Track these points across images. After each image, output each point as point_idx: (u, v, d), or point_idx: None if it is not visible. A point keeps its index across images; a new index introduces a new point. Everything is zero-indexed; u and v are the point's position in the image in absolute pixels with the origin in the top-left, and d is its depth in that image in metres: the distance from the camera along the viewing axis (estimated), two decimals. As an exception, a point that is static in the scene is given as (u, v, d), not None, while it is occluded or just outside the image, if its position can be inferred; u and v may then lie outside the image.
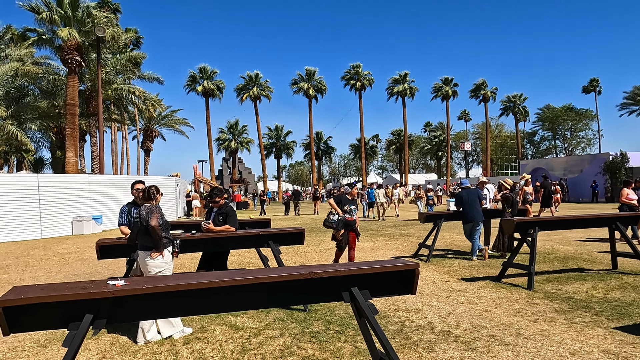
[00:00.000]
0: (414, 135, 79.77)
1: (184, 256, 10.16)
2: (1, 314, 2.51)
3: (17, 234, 15.61)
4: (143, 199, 4.76)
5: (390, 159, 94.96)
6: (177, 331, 4.88)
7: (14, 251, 12.65)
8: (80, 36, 23.98)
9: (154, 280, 2.92)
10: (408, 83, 57.72)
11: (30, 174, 20.13)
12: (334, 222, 7.79)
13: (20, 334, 5.15)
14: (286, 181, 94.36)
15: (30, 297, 2.56)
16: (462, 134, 78.40)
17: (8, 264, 10.41)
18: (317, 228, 16.78)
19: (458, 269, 8.23)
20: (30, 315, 2.64)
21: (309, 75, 56.57)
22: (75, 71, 24.31)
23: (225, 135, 60.66)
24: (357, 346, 4.41)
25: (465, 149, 58.59)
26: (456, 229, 14.51)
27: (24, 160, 40.20)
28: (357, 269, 3.05)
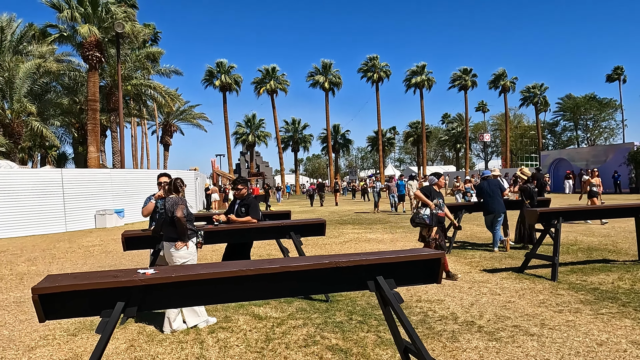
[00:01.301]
0: (432, 127, 79.01)
1: (206, 248, 10.29)
2: (37, 301, 2.59)
3: (43, 227, 15.98)
4: (168, 190, 4.83)
5: (407, 151, 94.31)
6: (202, 321, 4.96)
7: (40, 244, 12.97)
8: (99, 32, 24.30)
9: (183, 269, 2.97)
10: (426, 74, 57.10)
11: (54, 169, 20.57)
12: (427, 218, 6.53)
13: (50, 323, 5.30)
14: (303, 174, 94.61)
15: (64, 285, 2.64)
16: (480, 125, 77.37)
17: (35, 256, 10.68)
18: (336, 220, 16.81)
19: (479, 260, 8.17)
20: (64, 302, 2.71)
21: (325, 68, 56.39)
22: (96, 67, 24.66)
23: (242, 129, 60.99)
24: (380, 336, 4.43)
25: (484, 141, 57.87)
26: (476, 220, 14.39)
27: (47, 155, 41.06)
28: (382, 257, 3.06)
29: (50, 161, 41.14)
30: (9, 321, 5.48)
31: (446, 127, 77.98)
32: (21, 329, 5.15)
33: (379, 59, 56.49)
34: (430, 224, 6.49)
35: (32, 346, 4.59)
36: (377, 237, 11.66)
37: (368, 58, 56.77)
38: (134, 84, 30.68)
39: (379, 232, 12.83)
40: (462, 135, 68.08)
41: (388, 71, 56.90)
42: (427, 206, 6.58)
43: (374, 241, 11.03)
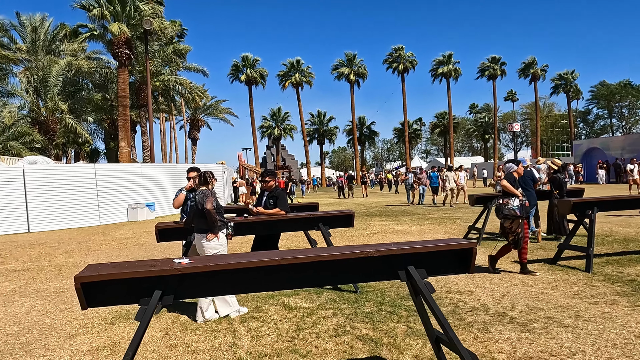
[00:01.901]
0: (459, 118, 77.81)
1: (235, 240, 10.45)
2: (80, 289, 2.69)
3: (78, 220, 16.50)
4: (199, 183, 4.93)
5: (434, 142, 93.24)
6: (234, 310, 5.05)
7: (76, 237, 13.40)
8: (128, 30, 24.79)
9: (217, 259, 3.03)
10: (452, 64, 56.16)
11: (87, 164, 21.17)
12: (518, 209, 5.98)
13: (89, 312, 5.50)
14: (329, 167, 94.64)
15: (105, 274, 2.73)
16: (509, 115, 75.74)
17: (72, 248, 11.05)
18: (363, 212, 16.78)
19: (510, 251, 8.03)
20: (104, 291, 2.81)
21: (349, 59, 56.11)
22: (125, 64, 25.19)
23: (268, 122, 61.39)
24: (410, 326, 4.43)
25: (514, 131, 56.67)
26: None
27: (80, 151, 42.26)
28: (413, 247, 3.05)
29: (83, 157, 42.34)
30: (50, 310, 5.71)
31: (474, 118, 76.65)
32: (62, 318, 5.36)
33: (404, 50, 55.87)
34: (521, 215, 5.97)
35: (73, 334, 4.77)
36: (405, 229, 11.60)
37: (393, 49, 56.22)
38: (162, 80, 31.21)
39: (406, 223, 12.76)
40: (490, 125, 66.83)
41: (414, 61, 56.23)
42: (515, 196, 6.05)
43: (402, 233, 10.98)
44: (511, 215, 6.00)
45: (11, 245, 12.15)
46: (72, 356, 4.14)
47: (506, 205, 6.05)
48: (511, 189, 6.07)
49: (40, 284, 7.25)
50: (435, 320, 4.07)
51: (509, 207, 6.02)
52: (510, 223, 6.07)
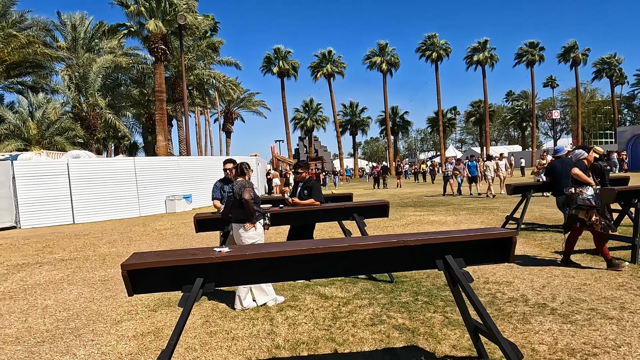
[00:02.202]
0: (495, 106, 75.90)
1: (270, 230, 10.59)
2: (126, 277, 2.81)
3: (119, 212, 17.09)
4: (236, 174, 5.02)
5: (469, 131, 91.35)
6: (271, 299, 5.14)
7: (117, 228, 13.89)
8: (164, 26, 25.30)
9: (256, 248, 3.10)
10: (488, 50, 54.72)
11: (127, 157, 21.83)
12: (593, 199, 5.66)
13: (132, 299, 5.72)
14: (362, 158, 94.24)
15: (149, 262, 2.84)
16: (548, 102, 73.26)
17: (115, 239, 11.46)
18: (397, 203, 16.66)
19: (550, 242, 7.84)
20: (149, 278, 2.92)
21: (381, 49, 55.52)
22: (161, 59, 25.75)
23: (300, 114, 61.58)
24: (447, 316, 4.40)
25: (553, 118, 54.81)
26: (545, 201, 13.77)
27: (120, 145, 43.62)
28: (451, 236, 3.03)
29: (122, 150, 43.70)
30: (96, 297, 5.97)
31: (511, 105, 74.57)
32: (107, 305, 5.59)
33: (438, 37, 54.79)
34: (596, 205, 5.65)
35: (118, 320, 4.98)
36: (440, 219, 11.46)
37: (426, 37, 55.27)
38: (197, 74, 31.75)
39: (441, 214, 12.61)
40: (528, 113, 64.87)
41: (448, 49, 55.12)
42: (588, 185, 5.73)
43: (437, 223, 10.86)
44: (585, 205, 5.68)
45: (58, 235, 12.72)
46: (119, 341, 4.32)
47: (580, 195, 5.73)
48: (584, 177, 5.77)
49: (86, 272, 7.57)
50: (473, 310, 4.05)
51: (583, 196, 5.69)
52: (585, 214, 5.73)
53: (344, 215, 6.13)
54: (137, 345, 4.19)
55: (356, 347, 3.84)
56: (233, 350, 3.92)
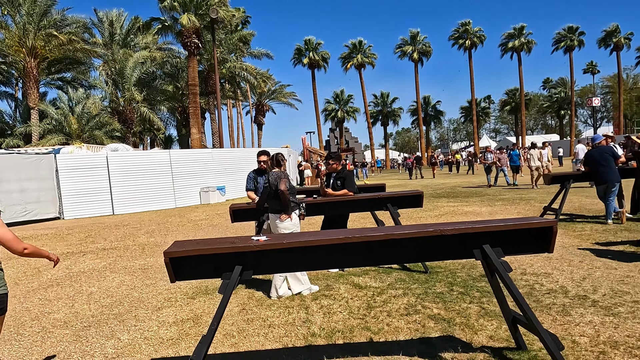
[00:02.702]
0: (531, 94, 73.67)
1: (303, 221, 10.66)
2: (168, 264, 2.91)
3: (156, 203, 17.56)
4: (271, 165, 5.09)
5: (504, 120, 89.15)
6: (305, 288, 5.21)
7: (155, 219, 14.29)
8: (197, 20, 25.67)
9: (293, 236, 3.15)
10: (524, 37, 53.07)
11: (162, 150, 22.36)
12: None
13: (172, 287, 5.90)
14: (393, 149, 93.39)
15: (190, 250, 2.93)
16: (588, 89, 70.60)
17: (152, 229, 11.81)
18: (430, 194, 16.48)
19: (591, 233, 7.60)
20: (190, 265, 3.01)
21: (413, 37, 54.70)
22: (194, 53, 26.16)
23: (331, 105, 61.49)
24: (483, 307, 4.35)
25: (593, 105, 52.84)
26: (585, 191, 13.34)
27: (155, 138, 44.68)
28: (489, 226, 2.99)
29: (158, 143, 44.75)
30: (137, 285, 6.18)
31: (548, 93, 72.27)
32: (148, 292, 5.79)
33: (471, 24, 53.52)
34: None
35: (159, 306, 5.15)
36: (474, 210, 11.28)
37: (460, 24, 54.09)
38: (229, 67, 32.11)
39: (476, 204, 12.40)
40: (566, 100, 62.73)
41: (482, 36, 53.81)
42: None
43: (471, 214, 10.70)
44: None
45: (99, 226, 13.19)
46: (160, 326, 4.47)
47: None
48: None
49: (127, 261, 7.84)
50: (511, 301, 4.00)
51: None
52: None
53: (377, 205, 6.12)
54: (177, 330, 4.33)
55: (391, 336, 3.85)
56: (270, 337, 4.00)
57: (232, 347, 3.84)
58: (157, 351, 3.86)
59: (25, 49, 25.59)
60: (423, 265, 5.78)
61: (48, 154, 16.38)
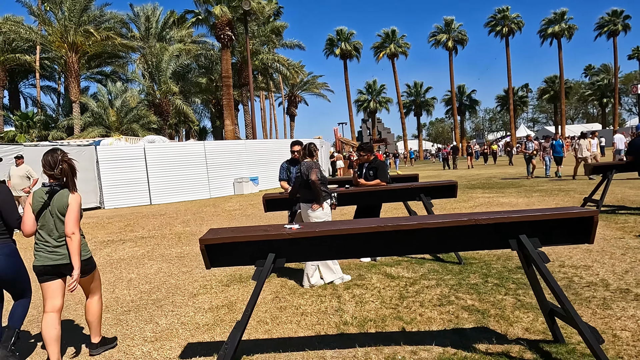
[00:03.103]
0: (572, 82, 71.03)
1: (335, 211, 10.68)
2: (204, 251, 2.98)
3: (191, 194, 17.95)
4: (303, 155, 5.11)
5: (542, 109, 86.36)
6: (338, 277, 5.23)
7: (190, 209, 14.61)
8: (230, 11, 25.91)
9: (325, 225, 3.17)
10: (565, 22, 51.10)
11: (197, 141, 22.77)
12: None
13: (207, 274, 6.04)
14: (426, 139, 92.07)
15: (225, 237, 2.99)
16: (633, 76, 67.49)
17: (188, 219, 12.09)
18: (464, 185, 16.20)
19: (634, 225, 7.31)
20: (224, 253, 3.08)
21: (447, 25, 53.56)
22: (228, 45, 26.45)
23: (363, 96, 61.07)
24: (519, 299, 4.27)
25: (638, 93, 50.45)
26: (629, 182, 12.81)
27: (190, 130, 45.56)
28: (526, 215, 2.92)
29: (193, 135, 45.61)
30: (174, 272, 6.36)
31: (589, 81, 69.49)
32: (184, 279, 5.95)
33: (509, 11, 51.91)
34: None
35: (195, 293, 5.29)
36: (510, 202, 11.03)
37: (497, 10, 52.57)
38: (261, 59, 32.32)
39: (512, 196, 12.11)
40: (609, 88, 60.20)
41: (520, 22, 52.18)
42: None
43: (507, 205, 10.46)
44: None
45: (137, 215, 13.60)
46: (196, 312, 4.59)
47: None
48: None
49: (164, 249, 8.06)
50: (548, 293, 3.90)
51: None
52: None
53: (410, 195, 6.07)
54: (212, 316, 4.43)
55: (424, 326, 3.83)
56: (302, 325, 4.05)
57: (266, 334, 3.91)
58: (193, 336, 3.98)
59: (67, 44, 26.48)
60: (457, 256, 5.71)
61: (89, 146, 16.96)
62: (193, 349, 3.69)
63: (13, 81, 34.99)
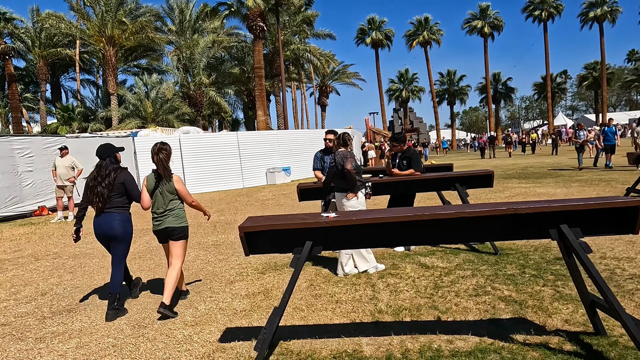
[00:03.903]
0: (614, 67, 68.03)
1: (369, 201, 10.67)
2: (243, 238, 3.06)
3: (225, 184, 18.27)
4: (338, 145, 5.14)
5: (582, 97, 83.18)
6: (372, 266, 5.26)
7: (224, 198, 14.88)
8: (262, 3, 26.01)
9: (361, 213, 3.19)
10: (608, 5, 48.91)
11: (230, 132, 23.09)
12: None
13: (243, 262, 6.17)
14: (459, 129, 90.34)
15: (263, 225, 3.06)
16: (681, 60, 64.07)
17: (222, 208, 12.32)
18: (500, 175, 15.86)
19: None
20: (263, 240, 3.15)
21: (482, 11, 52.15)
22: (260, 36, 26.59)
23: (395, 85, 60.40)
24: (558, 290, 4.19)
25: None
26: (676, 172, 12.26)
27: (223, 121, 46.19)
28: (567, 205, 2.86)
29: (226, 126, 46.22)
30: (211, 260, 6.52)
31: (633, 66, 66.45)
32: (221, 267, 6.10)
33: (548, -6, 50.08)
34: None
35: (232, 280, 5.42)
36: (547, 192, 10.75)
37: (534, -6, 50.72)
38: (292, 49, 32.37)
39: (550, 186, 11.80)
40: (655, 73, 57.40)
41: (559, 6, 50.25)
42: None
43: (545, 196, 10.20)
44: None
45: (174, 204, 13.94)
46: (233, 298, 4.72)
47: None
48: None
49: (201, 237, 8.27)
50: (589, 284, 3.82)
51: None
52: None
53: (445, 185, 6.02)
54: (249, 303, 4.54)
55: (460, 315, 3.82)
56: (337, 313, 4.10)
57: (302, 320, 3.99)
58: (231, 321, 4.09)
59: (105, 38, 27.22)
60: (493, 246, 5.63)
61: (127, 137, 17.46)
62: (231, 333, 3.80)
63: (54, 75, 36.28)
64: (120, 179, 4.55)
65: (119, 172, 4.59)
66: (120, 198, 4.55)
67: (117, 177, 4.53)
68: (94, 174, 4.58)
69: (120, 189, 4.54)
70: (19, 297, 5.34)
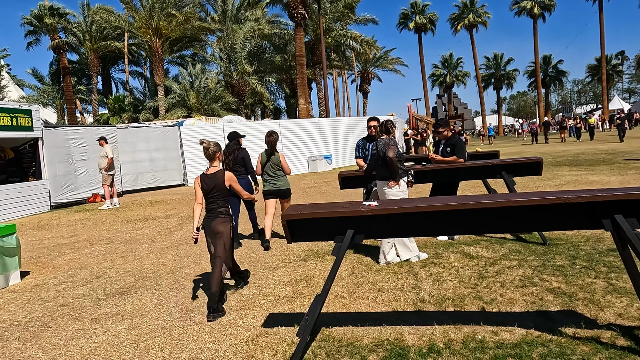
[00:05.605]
0: (678, 47, 63.58)
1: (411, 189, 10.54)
2: (285, 226, 3.10)
3: (268, 172, 18.48)
4: (380, 132, 5.09)
5: (641, 79, 78.38)
6: (414, 255, 5.21)
7: (267, 186, 15.08)
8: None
9: (404, 202, 3.16)
10: (671, -21, 45.63)
11: (272, 120, 23.31)
12: None
13: (285, 250, 6.26)
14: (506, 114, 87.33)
15: (306, 213, 3.09)
16: None
17: (265, 195, 12.50)
18: (549, 162, 15.25)
19: None
20: (305, 228, 3.18)
21: (533, -9, 49.82)
22: (301, 24, 26.54)
23: (439, 70, 59.02)
24: (611, 283, 4.02)
25: None
26: None
27: (266, 109, 46.69)
28: (622, 194, 2.72)
29: (268, 114, 46.71)
30: (254, 247, 6.66)
31: (700, 45, 61.84)
32: (264, 254, 6.21)
33: (604, -30, 47.21)
34: None
35: (274, 267, 5.51)
36: (601, 180, 10.26)
37: (589, -29, 47.99)
38: (334, 36, 32.17)
39: (603, 173, 11.25)
40: None
41: (616, -17, 47.27)
42: None
43: (598, 184, 9.75)
44: None
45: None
46: (276, 285, 4.80)
47: None
48: None
49: (244, 224, 8.42)
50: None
51: None
52: None
53: (490, 173, 5.85)
54: (292, 289, 4.61)
55: (505, 307, 3.74)
56: (379, 301, 4.10)
57: (343, 308, 4.01)
58: (274, 307, 4.17)
59: (151, 29, 27.97)
60: (541, 236, 5.45)
61: (173, 127, 17.97)
62: (274, 318, 3.88)
63: (105, 67, 37.69)
64: (241, 155, 6.63)
65: (240, 151, 6.66)
66: (241, 168, 6.53)
67: (238, 154, 6.61)
68: (225, 151, 6.33)
69: (241, 162, 6.57)
70: (76, 279, 5.65)
